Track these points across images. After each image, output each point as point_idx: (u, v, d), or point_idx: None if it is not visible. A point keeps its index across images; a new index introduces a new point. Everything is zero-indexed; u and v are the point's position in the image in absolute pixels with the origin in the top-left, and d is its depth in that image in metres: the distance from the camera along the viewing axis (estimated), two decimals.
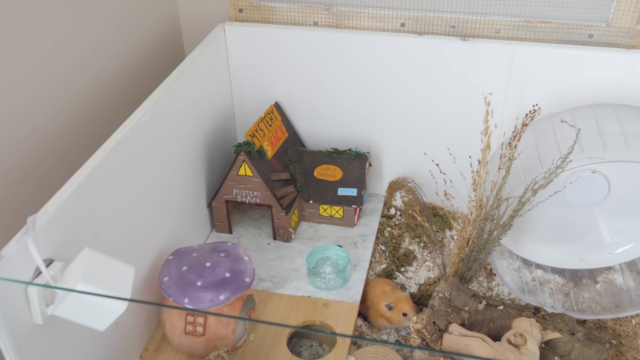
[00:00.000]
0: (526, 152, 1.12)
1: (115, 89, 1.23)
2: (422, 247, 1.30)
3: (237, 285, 1.01)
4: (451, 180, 1.24)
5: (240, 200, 1.27)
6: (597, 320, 1.12)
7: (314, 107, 1.37)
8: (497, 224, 1.09)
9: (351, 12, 1.30)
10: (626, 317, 1.12)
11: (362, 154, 1.34)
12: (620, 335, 1.10)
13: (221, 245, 1.08)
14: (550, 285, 1.20)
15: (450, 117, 1.29)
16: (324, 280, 1.18)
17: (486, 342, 0.97)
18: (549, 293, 1.18)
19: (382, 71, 1.28)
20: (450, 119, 1.29)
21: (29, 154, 1.02)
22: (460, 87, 1.25)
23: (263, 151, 1.26)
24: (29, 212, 0.78)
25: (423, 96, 1.29)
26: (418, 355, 1.04)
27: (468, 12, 1.25)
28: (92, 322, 0.78)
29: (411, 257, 1.28)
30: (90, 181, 0.87)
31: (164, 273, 1.03)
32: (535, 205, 1.09)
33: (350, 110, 1.35)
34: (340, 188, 1.32)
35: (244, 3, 1.34)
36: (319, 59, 1.30)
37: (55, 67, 1.06)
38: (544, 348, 1.00)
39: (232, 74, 1.37)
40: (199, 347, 1.02)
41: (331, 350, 1.07)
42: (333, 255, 1.24)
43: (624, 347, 1.08)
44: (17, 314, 0.74)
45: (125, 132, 0.96)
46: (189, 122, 1.20)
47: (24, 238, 0.74)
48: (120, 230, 0.96)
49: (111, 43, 1.20)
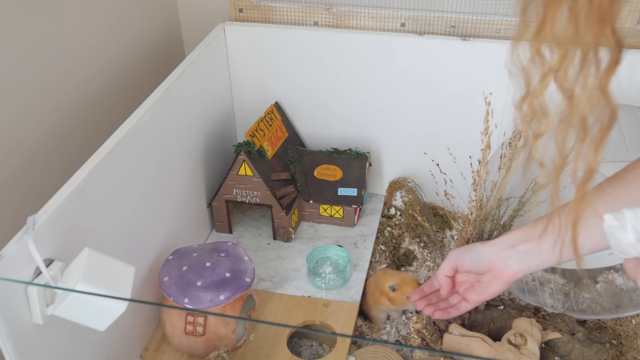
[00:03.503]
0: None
1: (115, 88, 1.23)
2: (422, 247, 1.30)
3: (237, 285, 1.01)
4: (451, 180, 1.24)
5: (240, 200, 1.27)
6: (597, 320, 1.12)
7: (314, 107, 1.37)
8: (497, 224, 1.09)
9: (351, 12, 1.30)
10: (626, 317, 1.12)
11: (362, 154, 1.34)
12: (620, 335, 1.10)
13: (221, 245, 1.08)
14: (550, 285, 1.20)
15: (450, 117, 1.29)
16: (324, 280, 1.18)
17: (486, 342, 0.97)
18: (549, 293, 1.18)
19: (382, 71, 1.28)
20: (451, 119, 1.29)
21: (29, 154, 1.02)
22: (460, 87, 1.25)
23: (263, 151, 1.26)
24: (29, 212, 0.78)
25: (423, 96, 1.29)
26: (418, 355, 1.04)
27: (468, 12, 1.25)
28: (92, 322, 0.78)
29: (411, 257, 1.28)
30: (90, 181, 0.87)
31: (164, 273, 1.03)
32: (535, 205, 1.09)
33: (350, 110, 1.35)
34: (340, 188, 1.32)
35: (244, 3, 1.34)
36: (319, 59, 1.30)
37: (54, 67, 1.06)
38: (544, 348, 1.00)
39: (232, 74, 1.36)
40: (199, 347, 1.02)
41: (331, 350, 1.07)
42: (333, 255, 1.24)
43: (624, 347, 1.08)
44: (17, 314, 0.74)
45: (125, 132, 0.96)
46: (189, 122, 1.20)
47: (24, 238, 0.74)
48: (120, 230, 0.96)
49: (111, 43, 1.20)
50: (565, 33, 0.48)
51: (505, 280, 0.92)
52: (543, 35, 0.48)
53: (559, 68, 0.49)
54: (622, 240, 0.64)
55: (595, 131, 0.50)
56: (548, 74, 0.50)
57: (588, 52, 0.48)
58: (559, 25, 0.48)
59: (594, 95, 0.49)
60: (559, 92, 0.51)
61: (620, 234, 0.64)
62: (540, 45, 0.49)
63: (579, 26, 0.47)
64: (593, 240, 0.80)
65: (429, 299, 1.01)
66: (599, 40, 0.47)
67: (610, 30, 0.47)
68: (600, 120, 0.50)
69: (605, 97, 0.49)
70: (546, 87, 0.51)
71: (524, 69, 0.52)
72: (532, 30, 0.49)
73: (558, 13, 0.47)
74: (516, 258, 0.90)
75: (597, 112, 0.50)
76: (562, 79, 0.50)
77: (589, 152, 0.51)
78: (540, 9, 0.48)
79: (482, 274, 0.95)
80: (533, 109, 0.53)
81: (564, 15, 0.47)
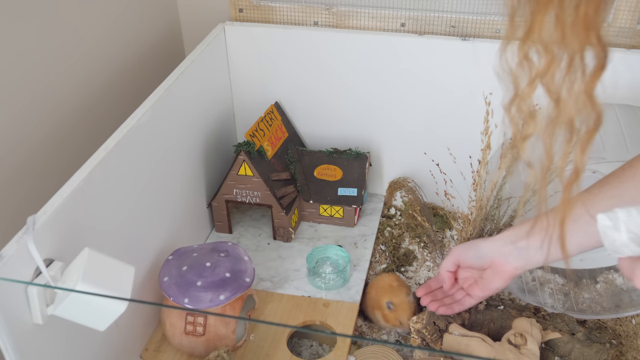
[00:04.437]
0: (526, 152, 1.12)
1: (115, 88, 1.23)
2: (422, 247, 1.30)
3: (237, 285, 1.01)
4: (451, 180, 1.24)
5: (240, 200, 1.27)
6: (597, 320, 1.12)
7: (314, 107, 1.37)
8: (497, 224, 1.09)
9: (351, 12, 1.30)
10: (626, 317, 1.12)
11: (362, 153, 1.34)
12: (620, 335, 1.10)
13: (221, 245, 1.08)
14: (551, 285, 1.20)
15: (450, 117, 1.29)
16: (324, 280, 1.18)
17: (486, 342, 0.97)
18: (549, 293, 1.18)
19: (382, 71, 1.28)
20: (451, 118, 1.29)
21: (29, 154, 1.02)
22: (460, 87, 1.25)
23: (263, 151, 1.26)
24: (29, 212, 0.78)
25: (423, 96, 1.29)
26: (418, 355, 1.04)
27: (468, 12, 1.25)
28: (92, 322, 0.78)
29: (411, 257, 1.28)
30: (90, 181, 0.87)
31: (164, 273, 1.03)
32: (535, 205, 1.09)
33: (350, 110, 1.35)
34: (340, 188, 1.32)
35: (244, 3, 1.34)
36: (319, 59, 1.30)
37: (54, 66, 1.06)
38: (544, 348, 1.00)
39: (232, 74, 1.36)
40: (199, 347, 1.02)
41: (331, 350, 1.07)
42: (333, 255, 1.24)
43: (624, 347, 1.08)
44: (17, 314, 0.74)
45: (125, 132, 0.96)
46: (189, 121, 1.20)
47: (24, 238, 0.74)
48: (120, 230, 0.96)
49: (111, 43, 1.20)
50: (552, 39, 0.49)
51: (506, 276, 0.93)
52: (531, 41, 0.50)
53: (546, 72, 0.51)
54: (616, 240, 0.65)
55: (582, 133, 0.52)
56: (536, 78, 0.52)
57: (574, 57, 0.49)
58: (546, 31, 0.49)
59: (580, 99, 0.50)
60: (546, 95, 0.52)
61: (613, 234, 0.65)
62: (528, 50, 0.51)
63: (565, 33, 0.48)
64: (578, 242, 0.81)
65: (434, 295, 1.03)
66: (584, 47, 0.48)
67: (596, 38, 0.48)
68: (587, 122, 0.51)
69: (591, 101, 0.50)
70: (534, 90, 0.53)
71: (512, 73, 0.53)
72: (520, 36, 0.50)
73: (545, 20, 0.48)
74: (516, 254, 0.91)
75: (583, 115, 0.51)
76: (549, 83, 0.51)
77: (576, 153, 0.52)
78: (528, 15, 0.49)
79: (484, 269, 0.96)
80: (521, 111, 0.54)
81: (551, 22, 0.48)
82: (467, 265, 0.99)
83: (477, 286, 0.97)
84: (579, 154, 0.52)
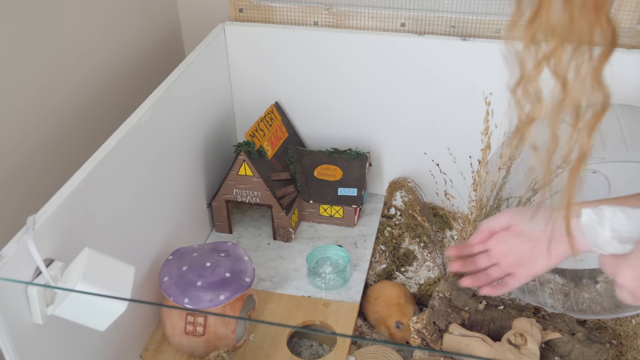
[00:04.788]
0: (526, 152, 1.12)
1: (115, 88, 1.23)
2: (422, 247, 1.30)
3: (237, 285, 1.01)
4: (451, 180, 1.24)
5: (240, 200, 1.27)
6: (597, 320, 1.12)
7: (314, 107, 1.37)
8: None
9: (351, 12, 1.30)
10: (626, 317, 1.12)
11: (362, 154, 1.34)
12: (620, 335, 1.10)
13: (221, 245, 1.08)
14: (551, 285, 1.20)
15: (450, 117, 1.29)
16: (324, 280, 1.18)
17: (486, 342, 0.97)
18: (549, 293, 1.18)
19: (382, 71, 1.28)
20: (450, 118, 1.29)
21: (29, 154, 1.02)
22: (460, 87, 1.25)
23: (263, 151, 1.26)
24: (29, 212, 0.78)
25: (423, 96, 1.29)
26: (418, 355, 1.04)
27: (468, 12, 1.25)
28: (92, 322, 0.78)
29: (411, 257, 1.28)
30: (90, 181, 0.87)
31: (164, 273, 1.03)
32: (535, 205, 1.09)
33: (351, 110, 1.35)
34: (340, 188, 1.32)
35: (244, 3, 1.34)
36: (319, 59, 1.30)
37: (54, 66, 1.06)
38: (544, 348, 1.00)
39: (232, 74, 1.36)
40: (199, 347, 1.02)
41: (331, 350, 1.07)
42: (333, 255, 1.24)
43: (624, 347, 1.08)
44: (17, 314, 0.74)
45: (125, 132, 0.96)
46: (189, 121, 1.20)
47: (24, 238, 0.74)
48: (120, 230, 0.96)
49: (111, 43, 1.20)
50: (560, 21, 0.48)
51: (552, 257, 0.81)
52: (538, 24, 0.49)
53: (554, 54, 0.50)
54: (599, 235, 0.65)
55: (589, 116, 0.51)
56: (542, 61, 0.51)
57: (582, 39, 0.49)
58: (554, 13, 0.48)
59: (587, 82, 0.50)
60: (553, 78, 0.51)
61: (597, 229, 0.65)
62: (535, 33, 0.50)
63: (574, 15, 0.47)
64: None
65: (464, 263, 0.91)
66: (593, 29, 0.48)
67: (605, 19, 0.47)
68: (594, 105, 0.50)
69: (599, 83, 0.50)
70: (540, 72, 0.52)
71: (518, 55, 0.52)
72: (528, 18, 0.50)
73: (553, 2, 0.48)
74: None
75: (590, 98, 0.50)
76: (556, 66, 0.51)
77: (582, 137, 0.52)
78: None
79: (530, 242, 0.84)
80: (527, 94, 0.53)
81: (559, 3, 0.48)
82: (519, 230, 0.86)
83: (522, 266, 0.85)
84: (585, 136, 0.51)
